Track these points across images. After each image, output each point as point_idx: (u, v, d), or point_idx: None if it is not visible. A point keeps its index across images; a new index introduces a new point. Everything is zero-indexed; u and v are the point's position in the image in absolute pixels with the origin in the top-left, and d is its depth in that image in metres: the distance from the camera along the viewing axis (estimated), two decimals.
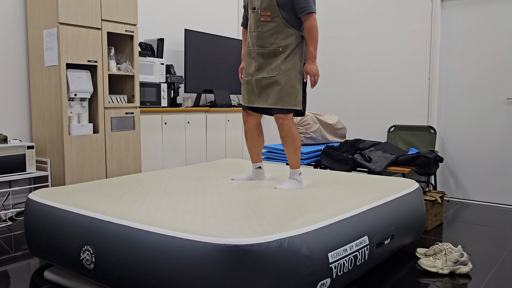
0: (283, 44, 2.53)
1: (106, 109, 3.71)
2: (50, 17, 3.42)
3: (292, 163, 2.65)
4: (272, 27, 2.53)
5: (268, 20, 2.53)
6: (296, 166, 2.64)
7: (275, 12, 2.51)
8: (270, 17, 2.52)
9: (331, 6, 4.96)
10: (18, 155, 3.37)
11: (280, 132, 2.62)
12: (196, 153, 4.57)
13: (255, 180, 2.82)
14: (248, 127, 2.79)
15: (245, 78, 2.69)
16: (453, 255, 2.35)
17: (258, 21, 2.56)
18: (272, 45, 2.54)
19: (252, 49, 2.62)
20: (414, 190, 2.64)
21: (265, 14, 2.53)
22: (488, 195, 4.13)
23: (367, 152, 3.83)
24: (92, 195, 2.30)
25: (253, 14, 2.58)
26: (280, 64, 2.53)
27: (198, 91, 4.81)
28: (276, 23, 2.52)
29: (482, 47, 4.10)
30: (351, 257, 1.90)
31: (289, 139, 2.61)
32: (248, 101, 2.68)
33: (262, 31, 2.56)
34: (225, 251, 1.59)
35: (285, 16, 2.52)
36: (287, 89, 2.53)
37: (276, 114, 2.58)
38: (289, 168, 2.69)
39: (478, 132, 4.16)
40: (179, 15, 4.97)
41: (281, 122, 2.58)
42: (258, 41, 2.58)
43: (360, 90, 4.81)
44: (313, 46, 2.54)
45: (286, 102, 2.53)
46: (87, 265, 1.94)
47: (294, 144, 2.62)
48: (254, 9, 2.58)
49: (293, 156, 2.64)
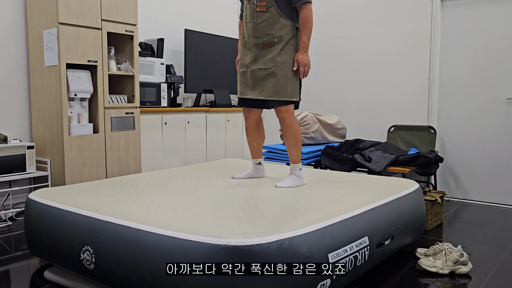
0: (278, 34, 2.54)
1: (106, 109, 3.71)
2: (50, 17, 3.42)
3: (293, 157, 2.66)
4: (267, 17, 2.54)
5: (263, 10, 2.53)
6: (297, 161, 2.65)
7: (270, 3, 2.52)
8: (266, 7, 2.53)
9: (331, 6, 4.96)
10: (18, 155, 3.37)
11: (282, 126, 2.62)
12: (196, 153, 4.56)
13: (255, 177, 2.83)
14: (249, 123, 2.80)
15: (240, 69, 2.69)
16: (453, 255, 2.35)
17: (254, 12, 2.57)
18: (267, 36, 2.55)
19: (247, 40, 2.63)
20: (414, 190, 2.64)
21: (260, 4, 2.53)
22: (488, 195, 4.13)
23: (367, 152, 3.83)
24: (92, 195, 2.30)
25: (248, 4, 2.59)
26: (276, 56, 2.54)
27: (198, 91, 4.81)
28: (271, 14, 2.53)
29: (482, 47, 4.10)
30: (351, 258, 1.90)
31: (291, 133, 2.61)
32: (241, 93, 2.67)
33: (257, 21, 2.56)
34: (225, 251, 1.58)
35: (280, 6, 2.52)
36: (284, 82, 2.53)
37: (277, 107, 2.58)
38: (290, 163, 2.70)
39: (478, 132, 4.15)
40: (179, 15, 4.96)
41: (283, 116, 2.58)
42: (254, 32, 2.58)
43: (360, 90, 4.81)
44: (306, 36, 2.54)
45: (283, 94, 2.54)
46: (87, 265, 1.94)
47: (296, 138, 2.63)
48: (250, 0, 2.59)
49: (294, 151, 2.65)
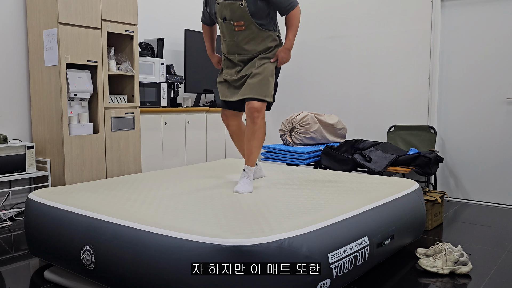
0: (260, 48, 2.54)
1: (106, 109, 3.70)
2: (50, 17, 3.42)
3: (253, 160, 2.56)
4: (247, 35, 2.52)
5: (242, 29, 2.51)
6: (254, 163, 2.58)
7: (248, 21, 2.48)
8: (245, 26, 2.50)
9: (331, 6, 4.96)
10: (18, 155, 3.36)
11: (252, 125, 2.50)
12: (196, 153, 4.56)
13: (256, 178, 2.82)
14: (232, 129, 2.75)
15: (224, 77, 2.64)
16: (453, 255, 2.35)
17: (232, 31, 2.53)
18: (251, 52, 2.54)
19: (231, 57, 2.61)
20: (414, 190, 2.64)
21: (238, 24, 2.49)
22: (488, 195, 4.12)
23: (367, 152, 3.83)
24: (92, 195, 2.30)
25: (224, 24, 2.54)
26: (257, 60, 2.53)
27: (198, 91, 4.81)
28: (251, 30, 2.51)
29: (482, 47, 4.10)
30: (351, 258, 1.90)
31: (260, 134, 2.52)
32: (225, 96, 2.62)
33: (238, 39, 2.54)
34: (225, 251, 1.58)
35: (258, 22, 2.50)
36: (261, 80, 2.49)
37: (251, 104, 2.47)
38: (247, 164, 2.56)
39: (478, 132, 4.15)
40: (179, 15, 4.96)
41: (256, 115, 2.47)
42: (236, 49, 2.57)
43: (360, 90, 4.81)
44: (292, 33, 2.51)
45: (258, 92, 2.48)
46: (87, 265, 1.94)
47: (262, 140, 2.55)
48: (225, 19, 2.52)
49: (256, 153, 2.56)
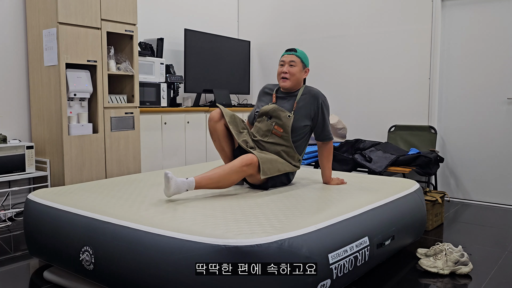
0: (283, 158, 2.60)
1: (106, 109, 3.70)
2: (49, 16, 3.42)
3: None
4: (278, 141, 2.58)
5: (279, 135, 2.59)
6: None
7: (287, 132, 2.56)
8: (281, 134, 2.58)
9: (331, 6, 4.95)
10: (17, 155, 3.36)
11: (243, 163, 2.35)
12: (196, 153, 4.56)
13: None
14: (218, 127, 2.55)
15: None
16: (453, 256, 2.35)
17: (269, 131, 2.60)
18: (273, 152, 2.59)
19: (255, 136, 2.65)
20: (414, 190, 2.64)
21: (278, 129, 2.58)
22: (489, 195, 4.12)
23: (367, 152, 3.82)
24: (92, 195, 2.29)
25: (265, 121, 2.62)
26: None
27: (198, 91, 4.80)
28: (284, 140, 2.58)
29: (483, 47, 4.09)
30: (352, 258, 1.89)
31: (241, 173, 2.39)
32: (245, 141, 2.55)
33: (268, 140, 2.59)
34: (225, 252, 1.58)
35: (293, 139, 2.59)
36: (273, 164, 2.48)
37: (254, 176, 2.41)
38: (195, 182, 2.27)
39: (479, 132, 4.15)
40: (179, 15, 4.96)
41: (250, 173, 2.38)
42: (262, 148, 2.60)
43: (360, 90, 4.80)
44: (329, 166, 2.67)
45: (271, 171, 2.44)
46: (86, 265, 1.93)
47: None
48: (269, 118, 2.60)
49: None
